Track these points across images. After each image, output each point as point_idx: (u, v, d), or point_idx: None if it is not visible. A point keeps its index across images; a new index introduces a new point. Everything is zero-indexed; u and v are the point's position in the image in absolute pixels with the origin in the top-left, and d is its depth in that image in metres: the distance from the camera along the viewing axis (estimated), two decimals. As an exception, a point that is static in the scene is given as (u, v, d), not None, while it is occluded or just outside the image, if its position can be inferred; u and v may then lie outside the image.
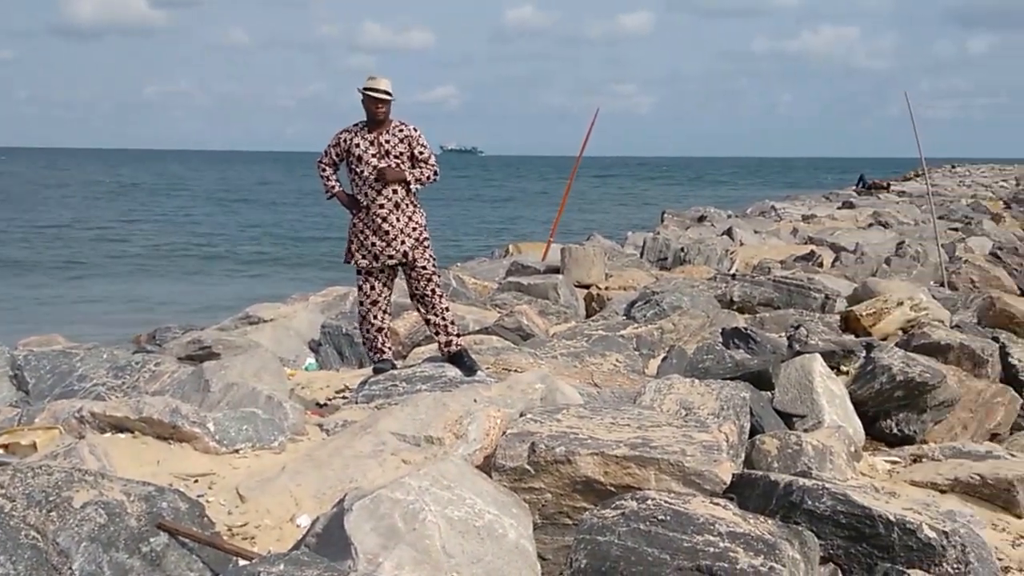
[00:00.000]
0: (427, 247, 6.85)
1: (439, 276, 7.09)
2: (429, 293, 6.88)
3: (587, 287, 12.50)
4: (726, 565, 3.96)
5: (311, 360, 9.47)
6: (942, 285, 14.86)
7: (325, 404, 7.38)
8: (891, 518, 4.58)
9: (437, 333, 6.94)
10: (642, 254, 16.05)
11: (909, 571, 4.36)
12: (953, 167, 78.75)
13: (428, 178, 6.85)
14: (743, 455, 6.12)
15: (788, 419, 7.38)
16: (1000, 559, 5.30)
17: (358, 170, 6.91)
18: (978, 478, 6.40)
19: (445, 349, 6.91)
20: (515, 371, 6.89)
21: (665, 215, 26.41)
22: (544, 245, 15.60)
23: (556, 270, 12.97)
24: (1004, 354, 9.93)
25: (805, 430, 7.05)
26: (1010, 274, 17.51)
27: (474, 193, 77.40)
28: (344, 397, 7.46)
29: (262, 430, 5.70)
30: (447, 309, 6.97)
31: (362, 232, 6.94)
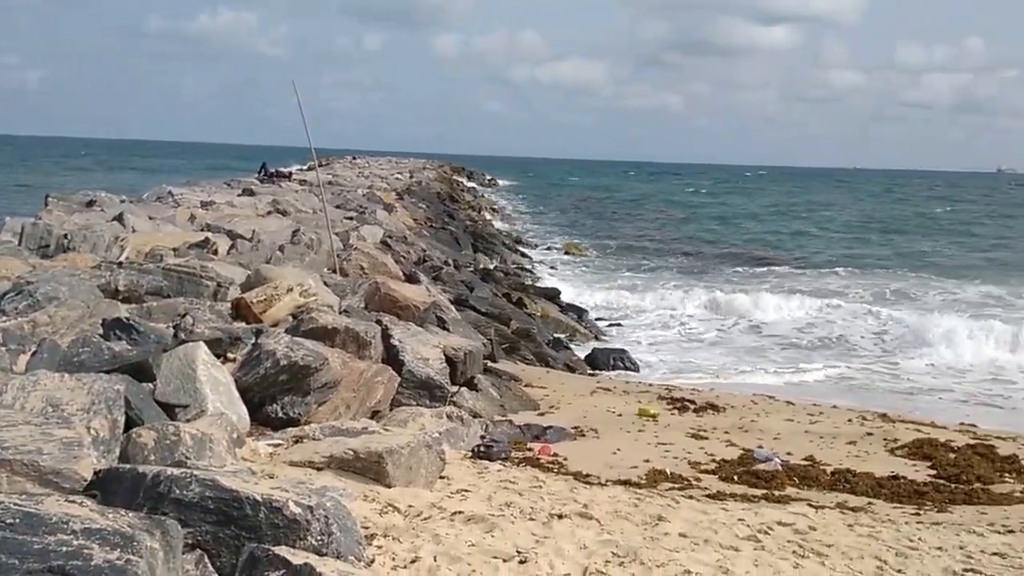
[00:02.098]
0: None
1: None
2: None
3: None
4: (79, 563, 3.80)
5: None
6: (334, 271, 15.49)
7: None
8: (258, 498, 4.62)
9: None
10: (20, 241, 14.80)
11: (275, 548, 4.40)
12: (354, 158, 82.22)
13: None
14: (118, 450, 5.85)
15: (171, 410, 7.21)
16: (367, 527, 5.57)
17: None
18: (352, 453, 6.71)
19: None
20: None
21: (49, 199, 24.32)
22: None
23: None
24: (386, 335, 10.61)
25: (188, 420, 6.93)
26: (397, 261, 18.81)
27: None
28: None
29: None
30: None
31: None
